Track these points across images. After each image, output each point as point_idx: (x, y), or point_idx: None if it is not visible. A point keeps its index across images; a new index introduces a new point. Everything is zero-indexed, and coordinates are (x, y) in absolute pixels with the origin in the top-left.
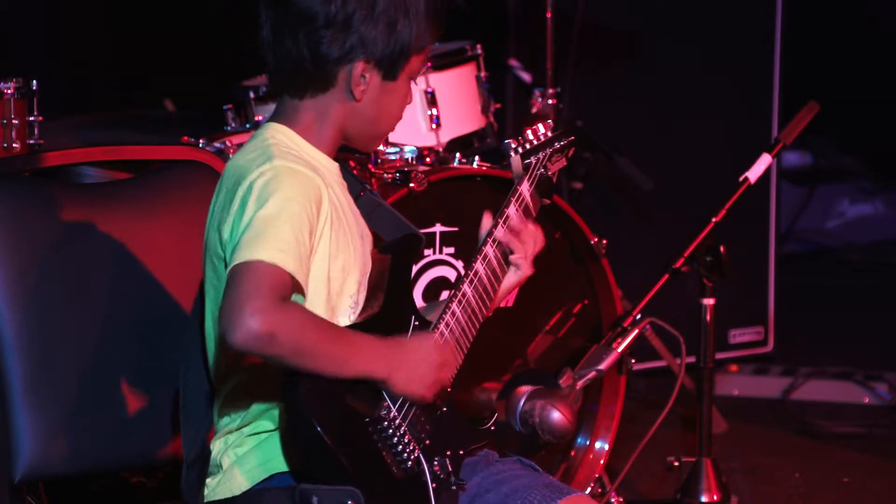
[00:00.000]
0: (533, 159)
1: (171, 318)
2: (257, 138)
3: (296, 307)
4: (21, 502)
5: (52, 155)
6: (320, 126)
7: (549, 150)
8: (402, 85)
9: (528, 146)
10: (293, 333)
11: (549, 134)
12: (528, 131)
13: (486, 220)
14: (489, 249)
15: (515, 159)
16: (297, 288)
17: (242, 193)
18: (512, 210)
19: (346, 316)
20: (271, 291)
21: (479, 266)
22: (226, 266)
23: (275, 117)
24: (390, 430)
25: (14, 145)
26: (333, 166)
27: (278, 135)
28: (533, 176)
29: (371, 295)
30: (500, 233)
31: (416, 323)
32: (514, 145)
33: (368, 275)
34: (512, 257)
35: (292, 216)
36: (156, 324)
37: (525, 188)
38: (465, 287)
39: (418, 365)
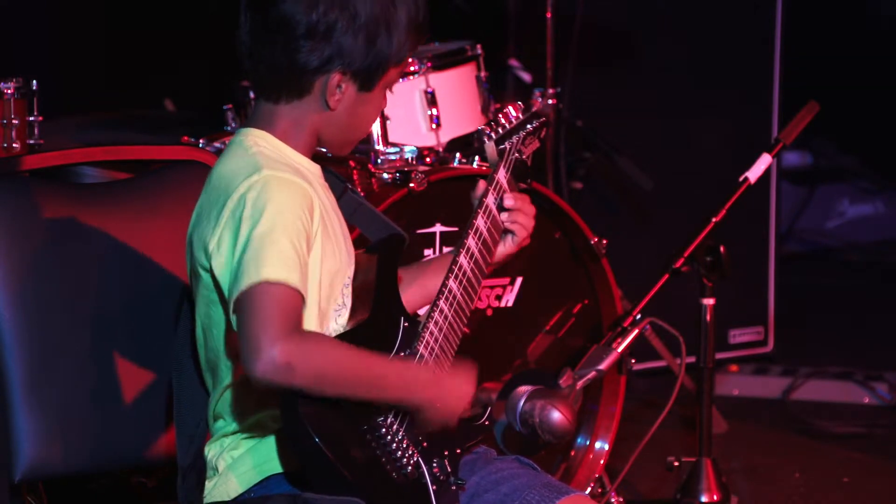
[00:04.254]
0: (507, 144)
1: (171, 318)
2: (239, 145)
3: (313, 336)
4: (21, 502)
5: (52, 155)
6: (297, 131)
7: (522, 134)
8: (377, 95)
9: (500, 131)
10: (313, 363)
11: (521, 116)
12: (500, 116)
13: (480, 187)
14: (472, 243)
15: (489, 146)
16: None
17: (233, 207)
18: (490, 199)
19: (333, 319)
20: (284, 319)
21: (462, 260)
22: (210, 276)
23: (252, 122)
24: (388, 437)
25: (14, 145)
26: (315, 168)
27: (260, 141)
28: (508, 162)
29: (358, 297)
30: (480, 223)
31: (406, 325)
32: (487, 132)
33: (354, 276)
34: (507, 223)
35: (287, 228)
36: (155, 324)
37: (501, 175)
38: (451, 283)
39: (459, 398)
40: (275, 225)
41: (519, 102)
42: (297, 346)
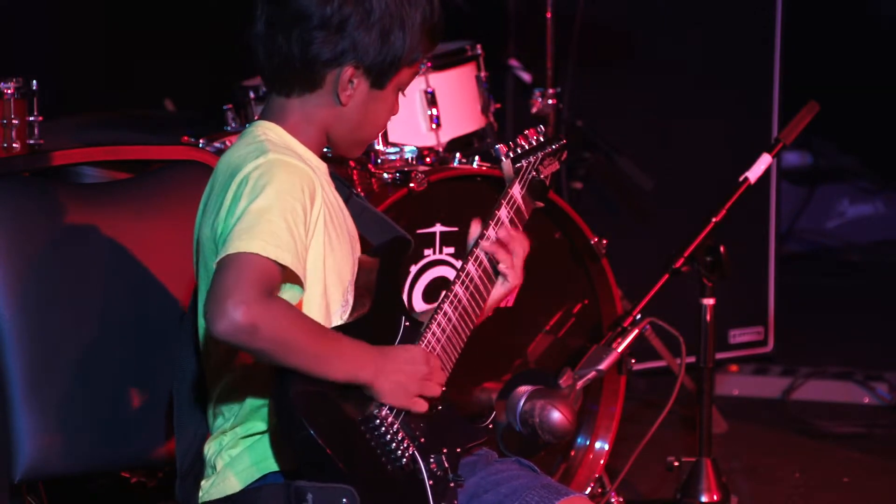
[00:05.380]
0: (524, 162)
1: (171, 318)
2: (249, 135)
3: (281, 302)
4: (21, 502)
5: (52, 155)
6: (307, 126)
7: (540, 154)
8: (389, 94)
9: (518, 150)
10: (276, 328)
11: (541, 138)
12: (520, 137)
13: (476, 227)
14: (481, 252)
15: (506, 163)
16: (295, 279)
17: (236, 186)
18: (503, 212)
19: (337, 315)
20: (257, 283)
21: (471, 267)
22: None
23: (264, 115)
24: (383, 429)
25: (14, 145)
26: (323, 166)
27: (269, 132)
28: (524, 179)
29: (360, 297)
30: (491, 234)
31: (407, 324)
32: (504, 150)
33: (356, 276)
34: (500, 267)
35: (285, 209)
36: (155, 324)
37: (516, 191)
38: (458, 288)
39: (404, 374)
40: (273, 203)
41: (540, 126)
42: (265, 310)
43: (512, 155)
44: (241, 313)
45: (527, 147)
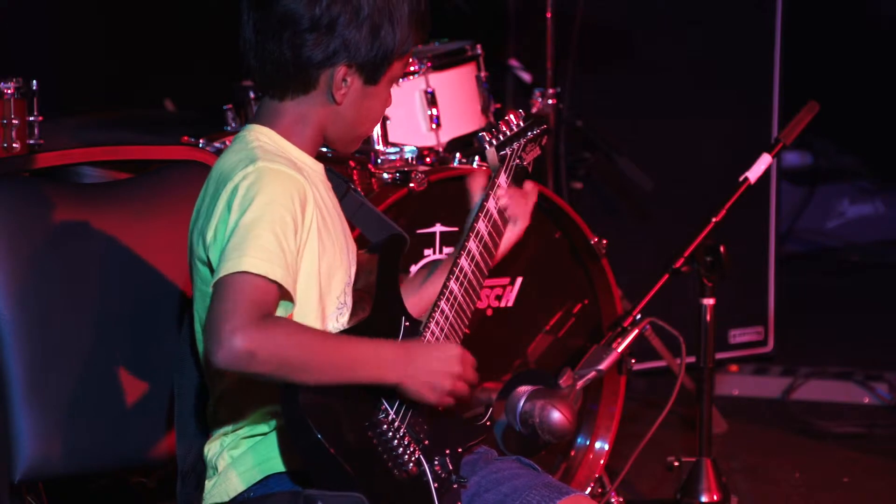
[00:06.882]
0: (508, 150)
1: (171, 318)
2: (240, 140)
3: (278, 323)
4: (21, 502)
5: (52, 155)
6: (302, 127)
7: (522, 141)
8: (383, 89)
9: (501, 137)
10: (274, 350)
11: (522, 124)
12: (501, 123)
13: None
14: (481, 225)
15: (491, 152)
16: (286, 295)
17: (227, 197)
18: (491, 203)
19: (334, 318)
20: (251, 307)
21: (469, 250)
22: (210, 270)
23: (257, 119)
24: (389, 434)
25: (14, 145)
26: (318, 167)
27: (261, 136)
28: (509, 167)
29: (359, 297)
30: (481, 226)
31: (407, 324)
32: (488, 138)
33: (355, 278)
34: (509, 212)
35: (274, 220)
36: (155, 323)
37: (502, 180)
38: (452, 284)
39: (434, 373)
40: (262, 216)
41: (520, 110)
42: (260, 334)
43: (496, 143)
44: (237, 341)
45: (509, 133)
